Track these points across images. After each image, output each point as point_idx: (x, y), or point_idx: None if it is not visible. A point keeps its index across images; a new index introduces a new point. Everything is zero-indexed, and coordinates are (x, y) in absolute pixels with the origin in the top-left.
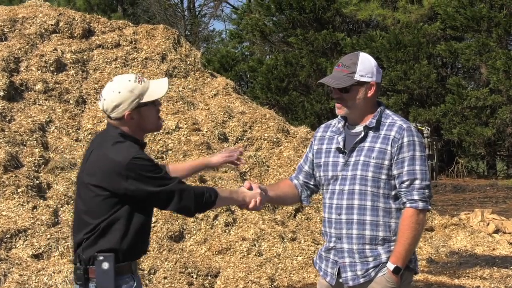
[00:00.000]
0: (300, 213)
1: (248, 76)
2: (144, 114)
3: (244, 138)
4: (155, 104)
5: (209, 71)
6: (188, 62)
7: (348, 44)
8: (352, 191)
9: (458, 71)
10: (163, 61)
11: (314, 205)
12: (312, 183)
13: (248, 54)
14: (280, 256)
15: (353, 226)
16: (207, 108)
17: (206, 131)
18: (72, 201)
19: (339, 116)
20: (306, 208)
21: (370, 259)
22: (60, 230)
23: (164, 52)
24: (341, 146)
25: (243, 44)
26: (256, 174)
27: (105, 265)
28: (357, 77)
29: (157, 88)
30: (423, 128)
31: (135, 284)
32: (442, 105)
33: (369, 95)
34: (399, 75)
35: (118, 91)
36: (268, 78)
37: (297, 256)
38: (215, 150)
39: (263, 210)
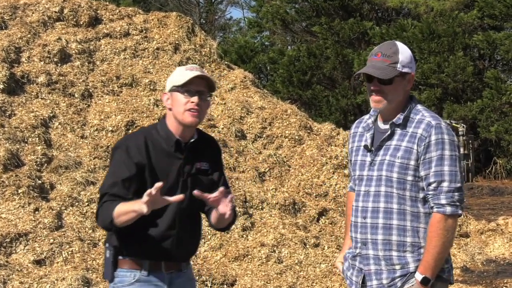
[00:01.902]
0: (323, 217)
1: (268, 68)
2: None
3: (264, 136)
4: (182, 90)
5: (226, 62)
6: (203, 53)
7: (377, 34)
8: (378, 193)
9: (496, 63)
10: (176, 52)
11: (339, 208)
12: None
13: (268, 44)
14: (301, 263)
15: (378, 231)
16: (223, 102)
17: (222, 128)
18: (76, 203)
19: (371, 111)
20: (330, 211)
21: (397, 267)
22: (64, 234)
23: (177, 42)
24: (368, 143)
25: (262, 34)
26: (276, 175)
27: (107, 254)
28: (399, 67)
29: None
30: (458, 126)
31: (132, 280)
32: (479, 100)
33: (407, 88)
34: (433, 68)
35: None
36: (289, 71)
37: (320, 264)
38: (232, 148)
39: (283, 214)
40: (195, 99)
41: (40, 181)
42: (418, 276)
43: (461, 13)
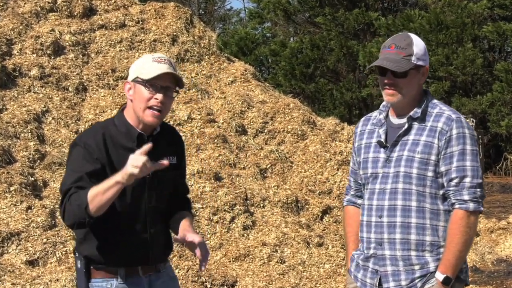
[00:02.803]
0: (327, 215)
1: (270, 61)
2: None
3: (265, 131)
4: (147, 85)
5: (226, 55)
6: (202, 44)
7: (382, 25)
8: (395, 190)
9: (507, 55)
10: (173, 44)
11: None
12: None
13: (270, 36)
14: (305, 263)
15: (396, 230)
16: (223, 96)
17: (222, 123)
18: None
19: (381, 106)
20: (334, 209)
21: (416, 267)
22: (57, 234)
23: (175, 34)
24: (382, 139)
25: (264, 25)
26: (278, 171)
27: (78, 264)
28: (414, 60)
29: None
30: (468, 120)
31: None
32: (489, 94)
33: (421, 81)
34: (441, 60)
35: None
36: (292, 63)
37: (324, 264)
38: (232, 144)
39: (285, 212)
40: (159, 96)
41: (32, 178)
42: (439, 276)
43: (470, 3)
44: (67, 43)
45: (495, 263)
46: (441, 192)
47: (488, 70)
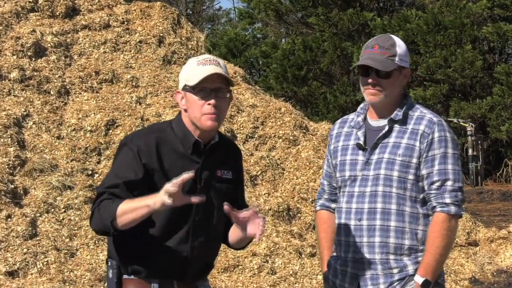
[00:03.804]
0: None
1: (260, 63)
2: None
3: (255, 136)
4: (196, 91)
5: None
6: (190, 46)
7: (378, 26)
8: (375, 193)
9: (508, 57)
10: (160, 45)
11: None
12: None
13: (261, 37)
14: (297, 274)
15: (375, 233)
16: None
17: None
18: (52, 209)
19: (358, 109)
20: None
21: (395, 270)
22: (38, 243)
23: (161, 35)
24: (361, 141)
25: (254, 26)
26: (269, 178)
27: (110, 273)
28: (398, 61)
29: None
30: (466, 125)
31: None
32: (488, 97)
33: (403, 82)
34: (438, 62)
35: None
36: (283, 66)
37: (316, 275)
38: None
39: (276, 221)
40: (212, 101)
41: (12, 186)
42: (419, 279)
43: (470, 3)
44: (49, 44)
45: (495, 274)
46: (421, 195)
47: (488, 73)
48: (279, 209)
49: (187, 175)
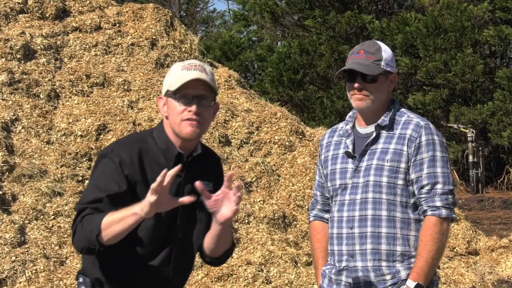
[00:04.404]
0: None
1: (256, 66)
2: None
3: (250, 141)
4: (177, 96)
5: (209, 60)
6: (183, 49)
7: (376, 29)
8: (365, 200)
9: (509, 61)
10: (153, 48)
11: None
12: None
13: (256, 40)
14: (292, 284)
15: (367, 241)
16: None
17: None
18: (41, 216)
19: (347, 117)
20: None
21: (388, 277)
22: (27, 251)
23: (154, 37)
24: (350, 149)
25: (249, 28)
26: (264, 185)
27: None
28: (383, 65)
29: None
30: (467, 131)
31: None
32: (490, 102)
33: (390, 88)
34: (438, 66)
35: None
36: (279, 69)
37: (313, 284)
38: None
39: (272, 229)
40: (193, 107)
41: (0, 192)
42: (411, 284)
43: (470, 6)
44: (39, 47)
45: (496, 284)
46: (411, 200)
47: (489, 77)
48: (274, 216)
49: (173, 170)
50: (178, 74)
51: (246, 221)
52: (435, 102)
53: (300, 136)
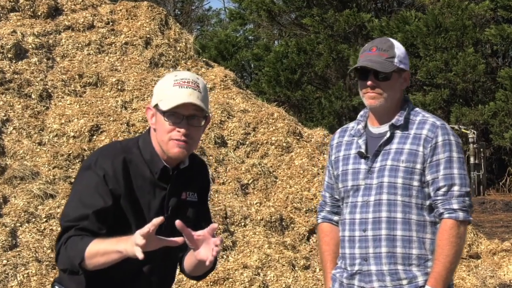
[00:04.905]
0: (315, 235)
1: (252, 66)
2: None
3: (247, 143)
4: (167, 115)
5: (204, 59)
6: (178, 48)
7: (376, 27)
8: (379, 202)
9: (511, 61)
10: (147, 47)
11: None
12: None
13: (252, 39)
14: None
15: (381, 243)
16: None
17: None
18: (33, 219)
19: (358, 116)
20: None
21: (404, 282)
22: (18, 255)
23: (148, 36)
24: (363, 150)
25: (246, 27)
26: (261, 187)
27: None
28: (397, 62)
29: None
30: (468, 132)
31: None
32: (491, 103)
33: (403, 86)
34: (439, 66)
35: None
36: (276, 69)
37: None
38: (210, 157)
39: (269, 231)
40: (182, 130)
41: None
42: None
43: (472, 4)
44: (30, 46)
45: None
46: (427, 202)
47: (490, 77)
48: (271, 219)
49: (157, 220)
50: (169, 91)
51: (243, 224)
52: (435, 103)
53: (298, 137)
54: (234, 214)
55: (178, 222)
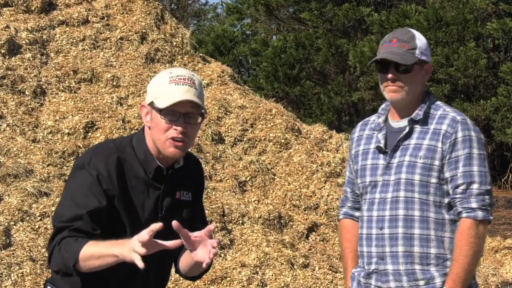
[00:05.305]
0: (314, 233)
1: (250, 61)
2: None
3: (244, 139)
4: (163, 113)
5: (201, 54)
6: (174, 43)
7: (375, 22)
8: (396, 199)
9: None
10: (142, 42)
11: (332, 223)
12: None
13: (250, 33)
14: (289, 286)
15: (398, 242)
16: None
17: None
18: (27, 217)
19: (379, 110)
20: (321, 226)
21: (421, 282)
22: (13, 254)
23: (144, 31)
24: (381, 144)
25: (243, 21)
26: (259, 184)
27: None
28: (418, 54)
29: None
30: None
31: None
32: (493, 98)
33: (425, 79)
34: (440, 61)
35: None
36: (274, 64)
37: (310, 287)
38: (208, 154)
39: (267, 229)
40: (179, 128)
41: None
42: None
43: None
44: (24, 41)
45: (499, 286)
46: (446, 200)
47: (492, 72)
48: (269, 217)
49: (156, 226)
50: (165, 88)
51: (241, 221)
52: (436, 98)
53: (296, 134)
54: (232, 212)
55: (174, 223)
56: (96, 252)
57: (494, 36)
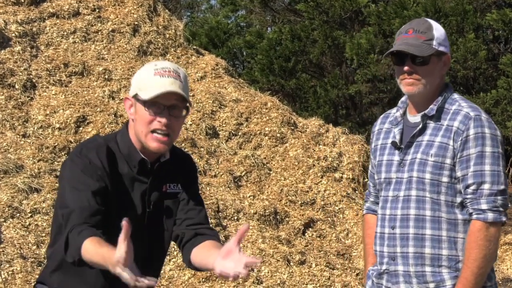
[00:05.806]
0: (310, 229)
1: (245, 53)
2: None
3: (239, 133)
4: (147, 105)
5: (195, 47)
6: (167, 35)
7: (372, 13)
8: (408, 198)
9: None
10: (135, 35)
11: (329, 218)
12: None
13: (245, 25)
14: (285, 284)
15: (409, 243)
16: (191, 94)
17: (191, 124)
18: (17, 214)
19: (399, 103)
20: (318, 222)
21: (431, 285)
22: (3, 251)
23: (136, 23)
24: (397, 140)
25: (237, 13)
26: (254, 179)
27: None
28: (435, 45)
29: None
30: None
31: None
32: (493, 91)
33: (443, 71)
34: None
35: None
36: (269, 57)
37: (306, 284)
38: (202, 149)
39: (262, 225)
40: (163, 120)
41: None
42: None
43: None
44: (13, 34)
45: (500, 283)
46: (458, 199)
47: (492, 64)
48: (265, 212)
49: (125, 233)
50: (150, 80)
51: (236, 217)
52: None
53: (292, 127)
54: (227, 207)
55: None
56: (92, 252)
57: (494, 27)
